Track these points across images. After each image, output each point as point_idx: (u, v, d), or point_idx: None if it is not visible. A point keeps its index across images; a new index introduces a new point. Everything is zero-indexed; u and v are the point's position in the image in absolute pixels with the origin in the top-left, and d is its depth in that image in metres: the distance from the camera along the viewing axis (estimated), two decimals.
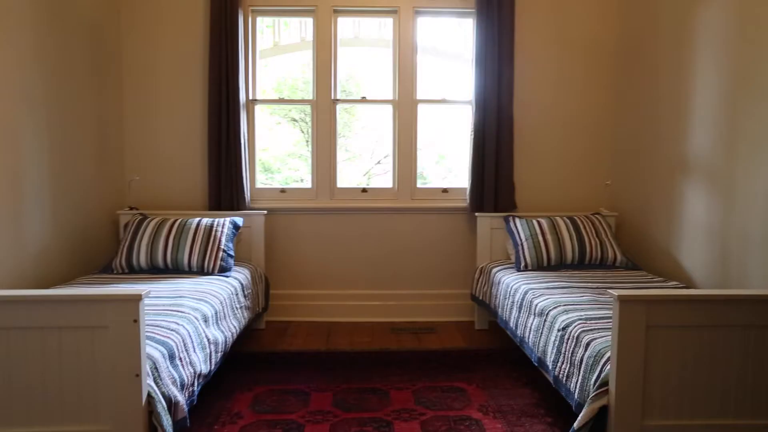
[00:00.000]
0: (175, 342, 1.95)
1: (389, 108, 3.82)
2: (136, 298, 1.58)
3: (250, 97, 3.70)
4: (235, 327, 2.69)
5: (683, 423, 1.62)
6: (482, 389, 2.62)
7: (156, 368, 1.75)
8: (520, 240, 3.24)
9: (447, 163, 4.19)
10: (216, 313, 2.47)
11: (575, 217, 3.36)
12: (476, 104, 3.57)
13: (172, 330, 2.01)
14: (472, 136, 3.61)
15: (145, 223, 3.16)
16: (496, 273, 3.21)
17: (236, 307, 2.81)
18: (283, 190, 3.80)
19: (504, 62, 3.56)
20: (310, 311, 3.75)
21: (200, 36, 3.59)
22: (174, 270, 3.03)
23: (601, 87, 3.71)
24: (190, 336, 2.10)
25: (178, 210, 3.54)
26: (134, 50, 3.58)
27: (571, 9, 3.67)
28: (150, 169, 3.63)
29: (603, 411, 1.68)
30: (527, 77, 3.67)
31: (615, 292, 1.61)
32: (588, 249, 3.16)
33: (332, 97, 3.73)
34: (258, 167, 3.87)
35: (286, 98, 4.24)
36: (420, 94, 3.75)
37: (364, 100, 3.83)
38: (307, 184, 3.85)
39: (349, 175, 4.52)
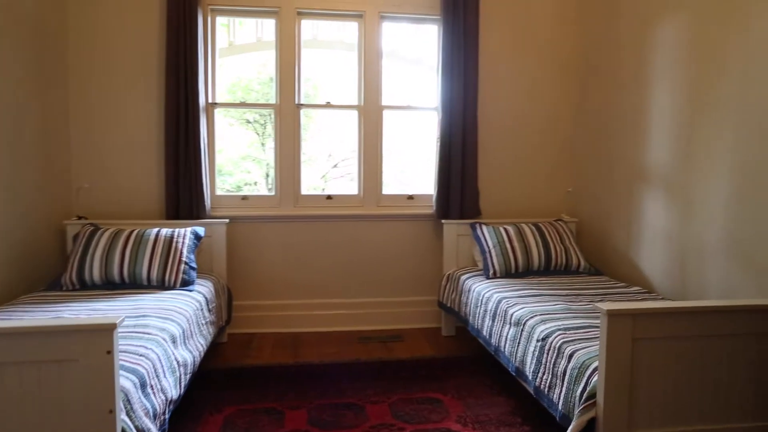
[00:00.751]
0: (145, 368, 1.82)
1: (354, 114, 3.76)
2: (110, 327, 1.45)
3: (210, 101, 3.53)
4: (202, 345, 2.55)
5: (669, 431, 1.68)
6: (458, 399, 2.62)
7: (128, 400, 1.62)
8: (488, 247, 3.27)
9: (412, 169, 4.17)
10: (183, 332, 2.33)
11: (540, 224, 3.44)
12: (442, 111, 3.58)
13: (141, 355, 1.88)
14: (439, 143, 3.62)
15: (98, 235, 2.94)
16: (465, 281, 3.23)
17: (202, 323, 2.67)
18: (244, 197, 3.66)
19: (469, 70, 3.59)
20: (274, 322, 3.64)
21: (156, 35, 3.39)
22: (132, 285, 2.84)
23: (562, 97, 3.81)
24: (159, 360, 1.97)
25: (132, 219, 3.33)
26: (82, 49, 3.34)
27: (533, 21, 3.76)
28: (100, 176, 3.39)
29: (590, 422, 1.71)
30: (491, 85, 3.72)
31: (603, 307, 1.64)
32: (553, 255, 3.24)
33: (296, 102, 3.63)
34: None
35: (246, 101, 4.08)
36: (385, 100, 3.72)
37: (328, 105, 3.75)
38: (262, 187, 3.72)
39: (305, 178, 4.44)
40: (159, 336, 2.09)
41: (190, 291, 2.82)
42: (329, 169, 4.98)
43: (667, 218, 2.83)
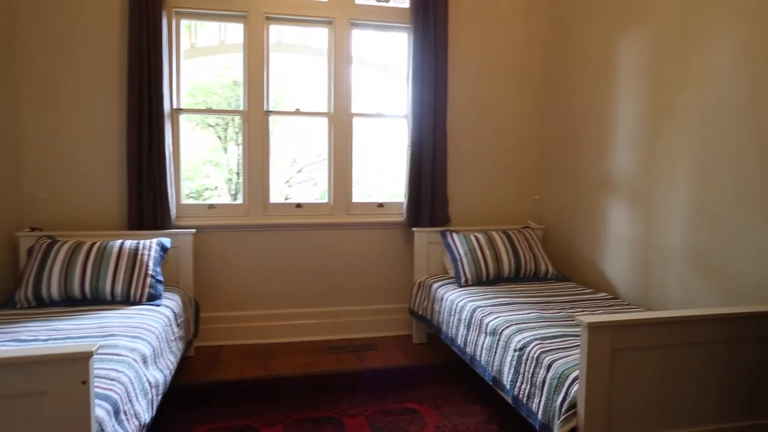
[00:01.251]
0: (118, 394, 1.73)
1: (323, 120, 3.72)
2: (86, 356, 1.37)
3: (175, 106, 3.41)
4: (172, 362, 2.46)
5: None
6: (434, 409, 2.63)
7: (102, 430, 1.53)
8: (459, 255, 3.31)
9: (382, 176, 4.17)
10: (154, 351, 2.24)
11: (509, 231, 3.50)
12: (413, 119, 3.59)
13: (112, 380, 1.78)
14: (409, 151, 3.63)
15: (56, 247, 2.79)
16: (437, 289, 3.25)
17: (171, 340, 2.57)
18: (211, 206, 3.55)
19: (439, 79, 3.62)
20: (243, 333, 3.55)
21: (116, 38, 3.24)
22: (94, 301, 2.71)
23: (528, 107, 3.90)
24: (132, 383, 1.88)
25: (92, 230, 3.18)
26: (35, 52, 3.15)
27: (500, 32, 3.82)
28: (57, 185, 3.21)
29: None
30: (459, 95, 3.76)
31: (585, 320, 1.69)
32: (523, 263, 3.31)
33: (265, 109, 3.55)
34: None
35: (209, 105, 3.96)
36: (356, 108, 3.70)
37: (298, 112, 3.69)
38: (224, 192, 3.63)
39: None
40: (129, 357, 2.00)
41: (158, 306, 2.71)
42: (294, 174, 4.93)
43: (631, 226, 2.94)
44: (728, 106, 2.32)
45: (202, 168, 4.60)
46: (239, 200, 3.68)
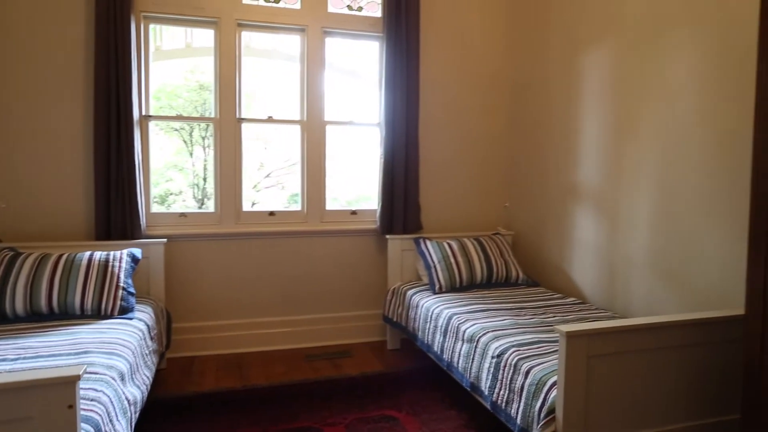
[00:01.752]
0: (99, 414, 1.69)
1: (294, 127, 3.71)
2: (73, 380, 1.33)
3: (144, 113, 3.34)
4: (148, 377, 2.41)
5: None
6: (413, 416, 2.68)
7: None
8: (433, 262, 3.37)
9: (355, 184, 4.19)
10: (131, 367, 2.19)
11: (481, 239, 3.59)
12: (386, 127, 3.63)
13: (92, 400, 1.74)
14: (382, 159, 3.67)
15: (19, 260, 2.68)
16: (412, 296, 3.30)
17: (146, 354, 2.52)
18: (182, 215, 3.49)
19: (411, 88, 3.68)
20: (216, 344, 3.51)
21: (82, 43, 3.15)
22: (62, 315, 2.62)
23: (496, 117, 4.00)
24: (111, 402, 1.84)
25: (57, 241, 3.07)
26: None
27: (469, 44, 3.91)
28: (19, 194, 3.10)
29: None
30: (430, 104, 3.83)
31: (563, 329, 1.77)
32: (495, 269, 3.40)
33: (237, 116, 3.52)
34: None
35: (175, 109, 3.88)
36: (328, 115, 3.71)
37: (270, 120, 3.67)
38: (188, 198, 3.58)
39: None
40: (107, 375, 1.95)
41: (130, 319, 2.64)
42: (261, 179, 4.88)
43: (597, 233, 3.08)
44: (687, 122, 2.46)
45: (166, 172, 4.51)
46: (208, 206, 3.63)
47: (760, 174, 1.66)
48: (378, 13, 3.73)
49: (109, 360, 2.09)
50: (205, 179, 4.40)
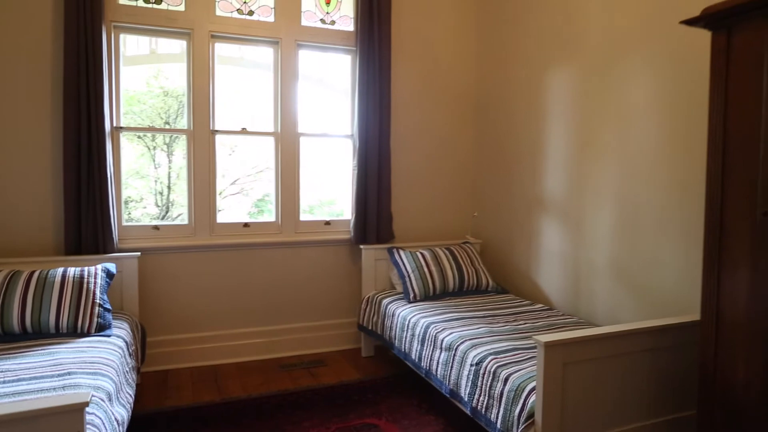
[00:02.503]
0: None
1: (269, 139, 3.74)
2: (81, 406, 1.35)
3: (115, 125, 3.28)
4: (131, 395, 2.39)
5: None
6: (393, 422, 2.77)
7: None
8: (407, 272, 3.47)
9: (329, 194, 4.24)
10: (115, 386, 2.18)
11: (452, 248, 3.73)
12: (359, 139, 3.71)
13: (87, 423, 1.74)
14: (356, 171, 3.75)
15: None
16: (387, 305, 3.40)
17: (127, 371, 2.50)
18: (156, 227, 3.45)
19: (383, 101, 3.77)
20: (190, 356, 3.49)
21: (49, 52, 3.08)
22: (36, 335, 2.56)
23: (464, 130, 4.16)
24: (104, 424, 1.84)
25: (24, 257, 2.99)
26: None
27: (437, 59, 4.05)
28: None
29: None
30: (401, 116, 3.94)
31: (541, 339, 1.91)
32: (466, 277, 3.54)
33: (211, 128, 3.51)
34: None
35: (155, 126, 3.81)
36: (302, 127, 3.75)
37: (244, 131, 3.68)
38: (150, 205, 3.56)
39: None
40: (96, 396, 1.95)
41: (109, 336, 2.62)
42: (227, 186, 4.85)
43: (562, 242, 3.27)
44: (643, 141, 2.67)
45: (126, 180, 4.41)
46: (171, 215, 3.60)
47: (713, 194, 1.85)
48: (350, 27, 3.81)
49: (94, 381, 2.08)
50: (169, 187, 4.33)
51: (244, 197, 4.73)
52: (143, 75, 4.24)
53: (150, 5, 3.34)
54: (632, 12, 2.73)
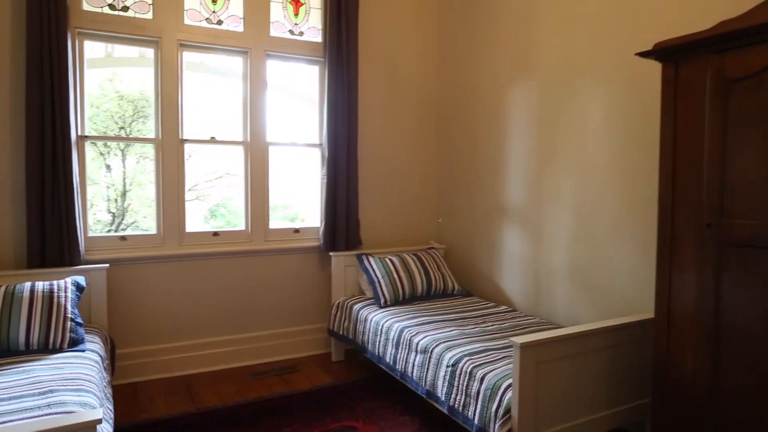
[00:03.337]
0: None
1: (240, 149, 3.76)
2: (93, 423, 1.37)
3: (80, 133, 3.21)
4: (111, 411, 2.37)
5: (565, 426, 2.21)
6: (371, 424, 2.88)
7: None
8: (377, 277, 3.59)
9: (297, 202, 4.28)
10: (99, 402, 2.17)
11: (419, 253, 3.88)
12: (328, 148, 3.79)
13: None
14: (325, 179, 3.82)
15: None
16: (359, 310, 3.50)
17: (104, 386, 2.47)
18: (123, 238, 3.39)
19: (351, 111, 3.86)
20: (160, 367, 3.45)
21: (8, 58, 2.97)
22: (4, 353, 2.48)
23: (427, 139, 4.32)
24: None
25: None
26: None
27: (404, 70, 4.19)
28: None
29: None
30: (368, 126, 4.05)
31: (517, 341, 2.07)
32: (433, 281, 3.70)
33: (180, 137, 3.49)
34: None
35: (123, 135, 3.72)
36: (270, 136, 3.79)
37: (213, 140, 3.67)
38: (101, 212, 3.52)
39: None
40: None
41: (83, 351, 2.57)
42: (185, 191, 4.78)
43: (523, 247, 3.48)
44: (599, 155, 2.92)
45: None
46: (129, 222, 3.55)
47: (665, 207, 2.08)
48: (318, 38, 3.89)
49: (79, 397, 2.06)
50: (124, 194, 4.24)
51: (201, 203, 4.69)
52: (96, 78, 4.14)
53: (116, 12, 3.29)
54: (586, 38, 2.98)
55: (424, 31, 4.26)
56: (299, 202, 4.24)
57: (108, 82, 4.24)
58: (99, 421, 1.39)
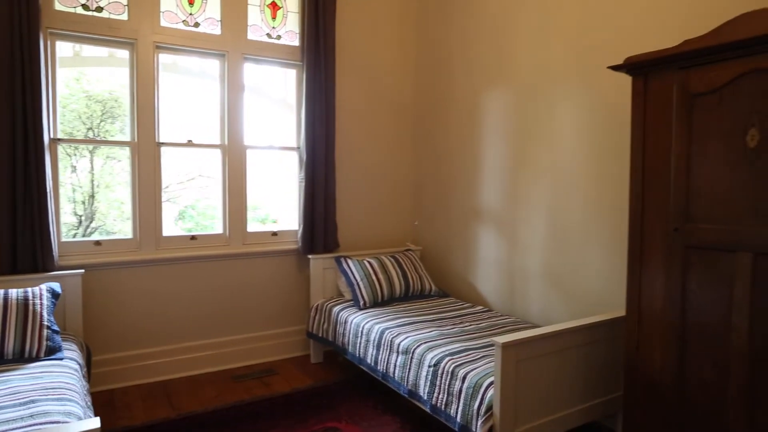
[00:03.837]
0: None
1: (218, 152, 3.74)
2: None
3: (53, 136, 3.14)
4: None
5: (543, 420, 2.33)
6: (354, 424, 2.93)
7: None
8: (356, 280, 3.64)
9: (275, 205, 4.28)
10: (83, 411, 2.14)
11: (396, 255, 3.95)
12: (307, 152, 3.82)
13: None
14: (304, 183, 3.85)
15: None
16: (339, 312, 3.54)
17: (85, 394, 2.44)
18: (98, 243, 3.33)
19: (329, 114, 3.90)
20: (136, 373, 3.40)
21: None
22: None
23: (404, 143, 4.40)
24: None
25: None
26: None
27: (380, 74, 4.25)
28: None
29: (490, 429, 2.22)
30: (345, 129, 4.10)
31: (499, 341, 2.17)
32: (411, 283, 3.78)
33: (156, 140, 3.45)
34: None
35: (97, 138, 3.63)
36: (248, 140, 3.78)
37: (190, 144, 3.64)
38: (65, 214, 3.47)
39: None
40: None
41: (61, 360, 2.53)
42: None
43: (498, 248, 3.60)
44: (571, 160, 3.05)
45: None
46: (96, 226, 3.49)
47: (635, 212, 2.21)
48: (296, 42, 3.90)
49: (63, 407, 2.04)
50: (93, 196, 4.15)
51: (172, 205, 4.63)
52: (64, 78, 4.04)
53: (90, 13, 3.23)
54: (559, 49, 3.10)
55: (401, 36, 4.33)
56: (274, 205, 4.24)
57: (75, 81, 4.14)
58: (99, 430, 1.40)
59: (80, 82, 4.14)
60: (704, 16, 2.35)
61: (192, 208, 4.33)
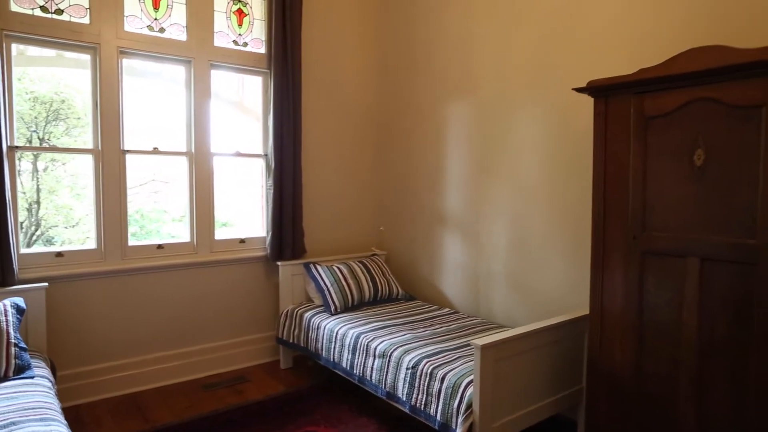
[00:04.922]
0: None
1: (184, 160, 3.69)
2: None
3: (9, 144, 3.00)
4: None
5: (517, 414, 2.50)
6: (331, 427, 3.00)
7: None
8: (326, 285, 3.71)
9: (242, 212, 4.25)
10: (68, 430, 2.10)
11: (364, 261, 4.04)
12: (275, 158, 3.83)
13: None
14: (272, 190, 3.86)
15: None
16: (311, 318, 3.60)
17: (59, 412, 2.37)
18: (59, 254, 3.21)
19: (296, 121, 3.93)
20: (103, 387, 3.31)
21: None
22: None
23: (367, 149, 4.49)
24: None
25: None
26: None
27: (344, 82, 4.33)
28: None
29: (470, 426, 2.37)
30: (311, 136, 4.15)
31: (478, 342, 2.32)
32: (379, 287, 3.89)
33: (121, 148, 3.37)
34: None
35: (37, 139, 3.49)
36: (214, 147, 3.75)
37: (156, 151, 3.57)
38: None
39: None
40: None
41: (32, 378, 2.45)
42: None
43: (462, 253, 3.78)
44: (532, 169, 3.26)
45: None
46: (41, 234, 3.38)
47: (598, 220, 2.43)
48: (262, 49, 3.91)
49: (47, 427, 2.00)
50: (39, 203, 3.96)
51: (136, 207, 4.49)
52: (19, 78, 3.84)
53: (49, 15, 3.10)
54: (523, 65, 3.31)
55: (365, 44, 4.42)
56: (237, 212, 4.21)
57: (18, 81, 3.94)
58: None
59: (23, 82, 3.94)
60: (655, 44, 2.61)
61: (138, 212, 4.21)
